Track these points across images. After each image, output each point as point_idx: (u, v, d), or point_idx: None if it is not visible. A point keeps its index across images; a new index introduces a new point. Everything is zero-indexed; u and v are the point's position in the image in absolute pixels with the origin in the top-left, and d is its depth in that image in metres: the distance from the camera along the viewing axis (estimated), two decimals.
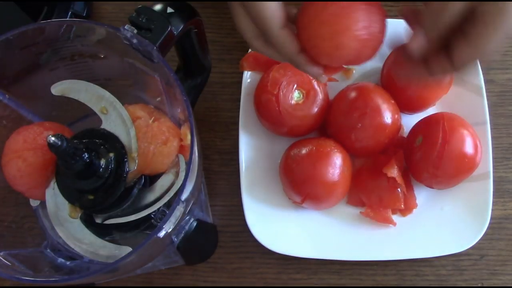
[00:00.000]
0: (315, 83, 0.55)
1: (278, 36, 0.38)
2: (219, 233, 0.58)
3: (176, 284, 0.57)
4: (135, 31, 0.42)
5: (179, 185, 0.44)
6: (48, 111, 0.51)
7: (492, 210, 0.54)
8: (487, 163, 0.55)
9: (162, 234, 0.39)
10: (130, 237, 0.48)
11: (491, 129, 0.56)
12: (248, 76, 0.59)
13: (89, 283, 0.51)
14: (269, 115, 0.55)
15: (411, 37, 0.37)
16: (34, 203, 0.48)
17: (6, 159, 0.44)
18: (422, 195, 0.57)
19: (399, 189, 0.55)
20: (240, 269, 0.57)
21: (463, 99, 0.58)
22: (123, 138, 0.44)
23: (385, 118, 0.53)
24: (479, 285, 0.56)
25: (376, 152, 0.56)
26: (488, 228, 0.53)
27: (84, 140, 0.43)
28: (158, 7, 0.43)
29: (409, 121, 0.58)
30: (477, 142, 0.53)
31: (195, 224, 0.46)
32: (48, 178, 0.45)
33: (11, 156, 0.44)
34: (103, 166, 0.42)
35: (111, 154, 0.43)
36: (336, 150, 0.53)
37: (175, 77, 0.41)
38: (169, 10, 0.43)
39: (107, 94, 0.45)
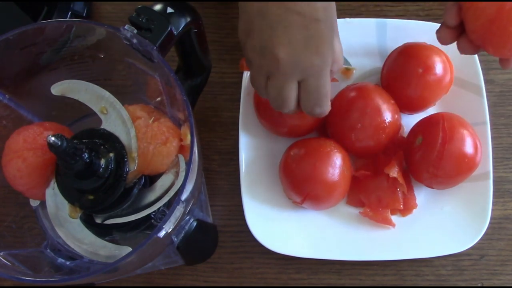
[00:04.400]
0: None
1: None
2: (219, 233, 0.58)
3: (176, 284, 0.57)
4: (135, 31, 0.42)
5: (179, 185, 0.44)
6: (48, 111, 0.51)
7: (492, 210, 0.54)
8: (487, 163, 0.55)
9: (162, 234, 0.39)
10: (130, 237, 0.48)
11: (491, 129, 0.56)
12: (248, 76, 0.59)
13: (89, 283, 0.51)
14: (269, 115, 0.55)
15: None
16: (34, 203, 0.48)
17: (6, 159, 0.44)
18: (422, 195, 0.57)
19: (398, 189, 0.55)
20: (240, 269, 0.57)
21: (463, 99, 0.58)
22: (123, 138, 0.44)
23: (385, 118, 0.53)
24: (479, 285, 0.56)
25: (376, 152, 0.56)
26: (488, 228, 0.53)
27: (84, 140, 0.43)
28: (158, 7, 0.43)
29: (409, 121, 0.58)
30: (477, 142, 0.53)
31: (195, 224, 0.46)
32: (48, 178, 0.45)
33: (11, 156, 0.44)
34: (103, 166, 0.42)
35: (111, 154, 0.43)
36: (336, 150, 0.53)
37: (175, 77, 0.41)
38: (169, 10, 0.43)
39: (107, 94, 0.45)
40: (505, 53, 0.39)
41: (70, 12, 0.61)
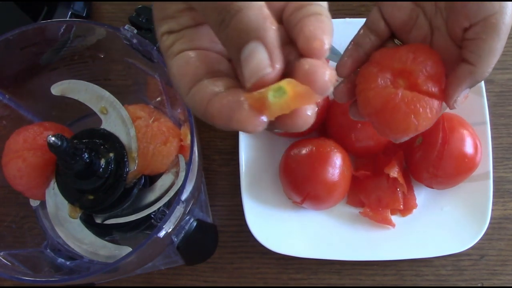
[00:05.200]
0: None
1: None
2: (219, 233, 0.58)
3: (176, 284, 0.57)
4: (135, 31, 0.42)
5: (179, 185, 0.44)
6: (48, 111, 0.51)
7: (492, 210, 0.54)
8: (487, 163, 0.55)
9: (162, 234, 0.39)
10: (130, 237, 0.48)
11: (491, 129, 0.56)
12: None
13: (89, 283, 0.51)
14: None
15: None
16: (34, 203, 0.48)
17: (6, 159, 0.44)
18: (422, 195, 0.57)
19: (398, 189, 0.55)
20: (240, 269, 0.57)
21: None
22: (123, 138, 0.44)
23: None
24: (479, 285, 0.56)
25: (376, 152, 0.56)
26: (488, 228, 0.53)
27: (84, 140, 0.43)
28: None
29: None
30: (477, 142, 0.53)
31: (195, 224, 0.46)
32: (48, 178, 0.45)
33: (11, 156, 0.44)
34: (103, 166, 0.42)
35: (111, 154, 0.43)
36: (336, 150, 0.53)
37: None
38: None
39: (107, 94, 0.45)
40: (386, 137, 0.42)
41: (70, 12, 0.61)
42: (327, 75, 0.23)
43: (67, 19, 0.60)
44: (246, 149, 0.57)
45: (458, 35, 0.36)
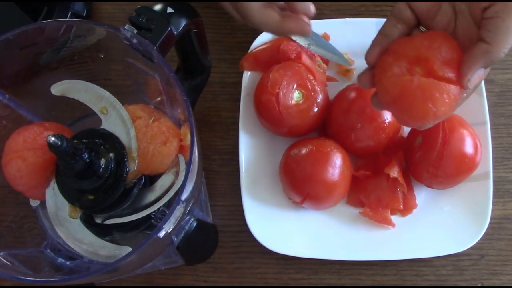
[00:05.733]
0: (315, 83, 0.55)
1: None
2: (219, 233, 0.58)
3: (176, 284, 0.57)
4: (135, 31, 0.42)
5: (179, 185, 0.44)
6: (48, 111, 0.51)
7: (492, 210, 0.54)
8: (487, 163, 0.55)
9: (162, 234, 0.39)
10: (130, 237, 0.48)
11: (491, 129, 0.56)
12: (248, 76, 0.59)
13: (89, 283, 0.51)
14: (269, 115, 0.55)
15: None
16: (34, 203, 0.48)
17: (6, 159, 0.44)
18: (422, 195, 0.57)
19: (398, 189, 0.55)
20: (240, 269, 0.57)
21: None
22: (123, 138, 0.44)
23: (385, 118, 0.53)
24: (479, 285, 0.56)
25: (376, 152, 0.56)
26: (488, 228, 0.53)
27: (84, 140, 0.43)
28: (158, 7, 0.43)
29: None
30: (477, 142, 0.53)
31: (195, 224, 0.46)
32: (48, 178, 0.45)
33: (11, 156, 0.44)
34: (103, 166, 0.42)
35: (111, 154, 0.43)
36: (336, 150, 0.53)
37: (175, 77, 0.41)
38: (169, 10, 0.43)
39: (107, 94, 0.45)
40: (408, 125, 0.42)
41: (70, 12, 0.61)
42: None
43: (67, 19, 0.60)
44: (246, 149, 0.57)
45: (478, 15, 0.36)
